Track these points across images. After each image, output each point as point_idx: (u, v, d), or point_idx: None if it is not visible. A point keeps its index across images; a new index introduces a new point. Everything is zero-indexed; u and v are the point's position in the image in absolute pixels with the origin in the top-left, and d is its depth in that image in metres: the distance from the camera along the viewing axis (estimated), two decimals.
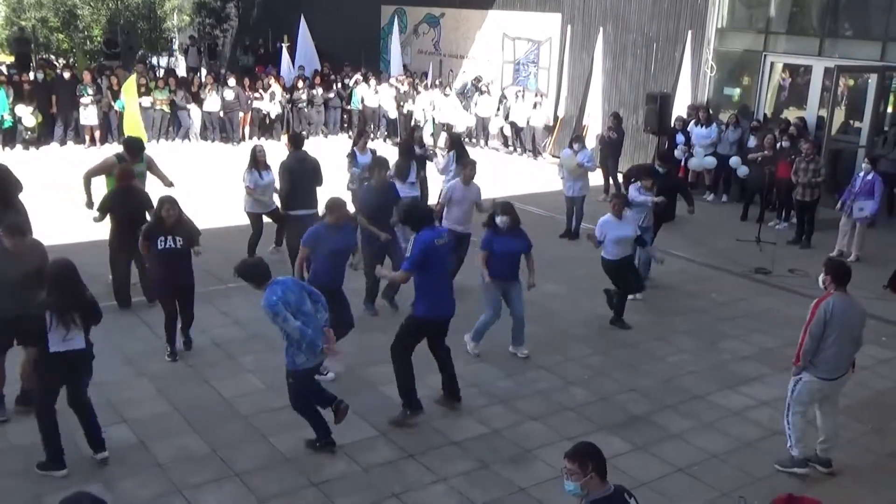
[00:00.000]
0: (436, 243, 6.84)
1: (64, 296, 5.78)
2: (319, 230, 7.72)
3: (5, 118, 17.44)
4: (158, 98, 19.05)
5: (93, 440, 6.11)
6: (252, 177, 10.39)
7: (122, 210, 8.85)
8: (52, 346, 5.72)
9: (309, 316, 6.24)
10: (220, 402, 7.18)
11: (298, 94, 20.69)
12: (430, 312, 6.91)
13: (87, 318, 5.94)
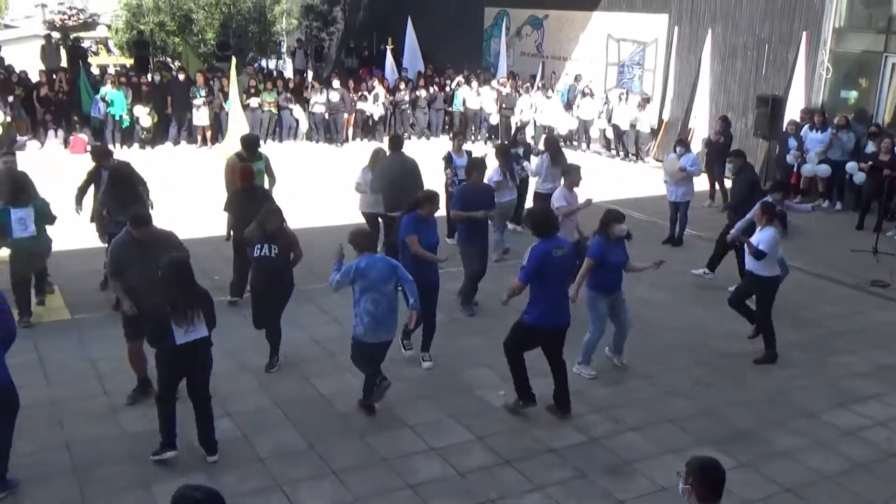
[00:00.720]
0: (553, 254, 6.78)
1: (181, 291, 5.96)
2: (413, 220, 7.92)
3: (124, 118, 18.27)
4: (267, 100, 19.59)
5: (205, 440, 6.25)
6: (365, 176, 10.53)
7: (243, 209, 9.09)
8: (178, 338, 5.89)
9: (384, 295, 6.73)
10: (318, 399, 7.28)
11: (401, 95, 20.90)
12: (540, 321, 6.83)
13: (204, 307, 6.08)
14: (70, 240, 9.80)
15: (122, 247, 6.87)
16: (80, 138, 18.08)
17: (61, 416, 6.82)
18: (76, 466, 6.11)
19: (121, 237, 6.97)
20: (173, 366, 6.06)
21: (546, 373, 7.08)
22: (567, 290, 7.08)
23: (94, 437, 6.51)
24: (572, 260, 7.21)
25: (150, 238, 6.78)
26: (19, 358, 7.17)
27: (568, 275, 7.10)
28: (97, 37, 36.86)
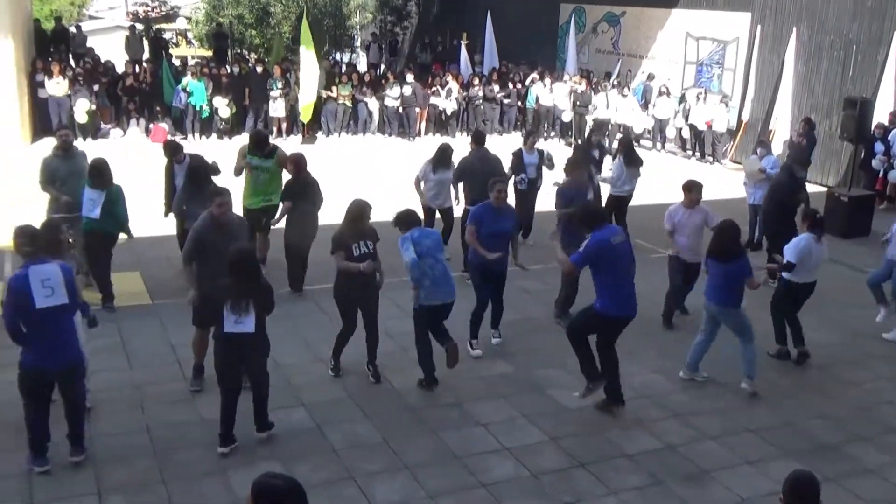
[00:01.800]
0: (611, 242, 6.70)
1: (242, 281, 6.02)
2: (482, 209, 7.98)
3: (203, 108, 18.63)
4: (342, 93, 19.74)
5: (259, 418, 6.34)
6: (425, 170, 10.50)
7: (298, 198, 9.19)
8: (227, 327, 5.97)
9: (438, 261, 7.18)
10: (391, 393, 7.29)
11: (475, 91, 20.85)
12: (611, 310, 6.76)
13: (261, 304, 6.12)
14: (152, 226, 10.01)
15: (203, 229, 7.00)
16: (161, 127, 18.51)
17: (142, 399, 6.97)
18: (156, 449, 6.23)
19: (201, 222, 7.09)
20: (226, 352, 6.12)
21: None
22: (632, 280, 6.93)
23: (173, 422, 6.63)
24: (630, 247, 7.03)
25: (229, 221, 6.93)
26: (103, 341, 7.39)
27: (632, 263, 7.00)
28: (177, 28, 37.74)
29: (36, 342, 5.64)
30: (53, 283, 5.59)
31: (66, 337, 5.76)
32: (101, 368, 7.10)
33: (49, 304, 5.57)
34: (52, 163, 9.12)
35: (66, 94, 17.72)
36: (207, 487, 5.81)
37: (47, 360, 5.64)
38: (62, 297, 5.63)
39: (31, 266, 5.63)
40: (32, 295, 5.52)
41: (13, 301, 5.57)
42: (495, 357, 8.05)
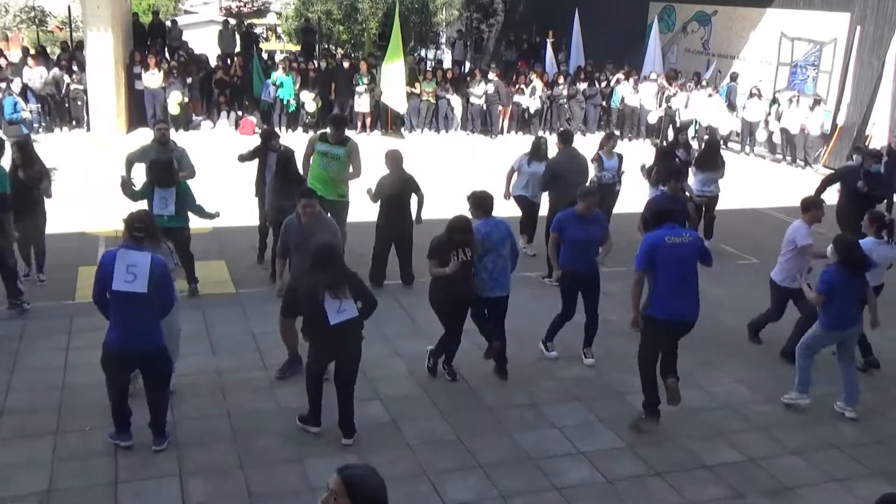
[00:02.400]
0: (666, 241, 6.50)
1: (331, 270, 6.08)
2: (567, 216, 7.77)
3: (291, 102, 18.99)
4: (426, 90, 19.84)
5: (344, 423, 6.35)
6: (520, 161, 10.51)
7: (392, 193, 9.27)
8: (331, 319, 6.00)
9: (501, 257, 7.25)
10: (467, 392, 7.28)
11: (559, 89, 20.68)
12: (659, 313, 6.54)
13: (354, 287, 6.18)
14: (237, 217, 10.23)
15: (288, 226, 7.18)
16: (250, 120, 18.94)
17: (224, 385, 7.13)
18: (236, 436, 6.37)
19: (291, 219, 7.27)
20: (323, 348, 6.20)
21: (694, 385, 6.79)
22: (694, 285, 6.62)
23: (254, 409, 6.77)
24: (694, 250, 6.66)
25: (314, 218, 7.04)
26: (188, 327, 7.57)
27: (693, 266, 6.64)
28: (268, 23, 38.57)
29: (116, 322, 5.83)
30: (139, 270, 5.72)
31: (144, 324, 5.83)
32: (186, 353, 7.28)
33: (125, 289, 5.71)
34: (148, 151, 9.43)
35: (161, 87, 18.30)
36: (284, 475, 5.91)
37: (123, 343, 5.81)
38: (142, 287, 5.72)
39: (123, 248, 5.82)
40: (113, 275, 5.70)
41: (99, 275, 5.81)
42: (572, 359, 7.96)
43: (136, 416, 6.10)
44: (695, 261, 6.64)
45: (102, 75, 17.39)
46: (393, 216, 9.31)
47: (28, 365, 7.34)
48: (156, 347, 5.92)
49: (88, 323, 8.06)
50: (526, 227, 10.94)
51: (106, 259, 5.82)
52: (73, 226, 10.95)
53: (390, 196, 9.31)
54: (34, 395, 6.81)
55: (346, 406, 6.33)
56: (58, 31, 33.31)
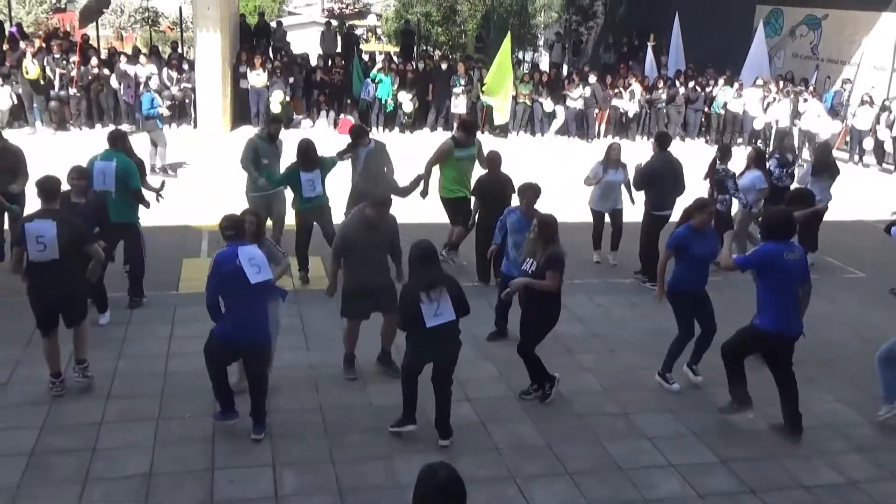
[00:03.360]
0: (784, 256, 6.36)
1: (429, 272, 6.13)
2: (685, 233, 7.38)
3: (388, 102, 19.24)
4: (522, 92, 19.79)
5: (441, 424, 6.38)
6: (596, 170, 10.34)
7: (490, 194, 9.30)
8: (428, 321, 6.05)
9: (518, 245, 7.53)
10: (557, 398, 7.20)
11: (658, 93, 20.31)
12: (770, 326, 6.43)
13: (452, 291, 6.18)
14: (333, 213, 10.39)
15: (351, 226, 7.20)
16: (348, 120, 19.25)
17: (317, 380, 7.28)
18: (327, 429, 6.49)
19: (352, 217, 7.32)
20: (421, 349, 6.24)
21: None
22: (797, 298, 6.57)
23: (345, 405, 6.88)
24: (802, 266, 6.53)
25: (381, 221, 7.07)
26: (286, 321, 7.75)
27: (802, 283, 6.57)
28: (368, 25, 39.15)
29: (234, 316, 6.02)
30: (259, 262, 6.01)
31: (261, 317, 6.16)
32: (282, 347, 7.46)
33: (260, 280, 5.97)
34: (258, 144, 9.79)
35: (265, 86, 18.82)
36: (373, 471, 5.98)
37: (240, 335, 6.01)
38: (268, 274, 6.06)
39: (237, 246, 6.04)
40: (246, 272, 5.92)
41: (222, 276, 5.97)
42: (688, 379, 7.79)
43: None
44: (801, 278, 6.54)
45: (210, 74, 18.01)
46: (494, 216, 9.29)
47: (133, 352, 7.66)
48: (265, 341, 6.24)
49: (190, 313, 8.37)
50: (598, 240, 10.73)
51: (227, 261, 5.97)
52: (178, 219, 11.35)
53: (490, 196, 9.34)
54: (138, 381, 7.10)
55: (443, 407, 6.37)
56: (169, 31, 34.66)
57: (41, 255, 6.44)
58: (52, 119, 17.80)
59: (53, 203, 6.67)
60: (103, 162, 8.35)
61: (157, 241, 9.69)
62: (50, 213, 6.56)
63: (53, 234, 6.42)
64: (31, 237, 6.43)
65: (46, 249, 6.43)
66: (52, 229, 6.43)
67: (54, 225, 6.45)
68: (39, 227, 6.44)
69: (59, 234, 6.43)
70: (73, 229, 6.56)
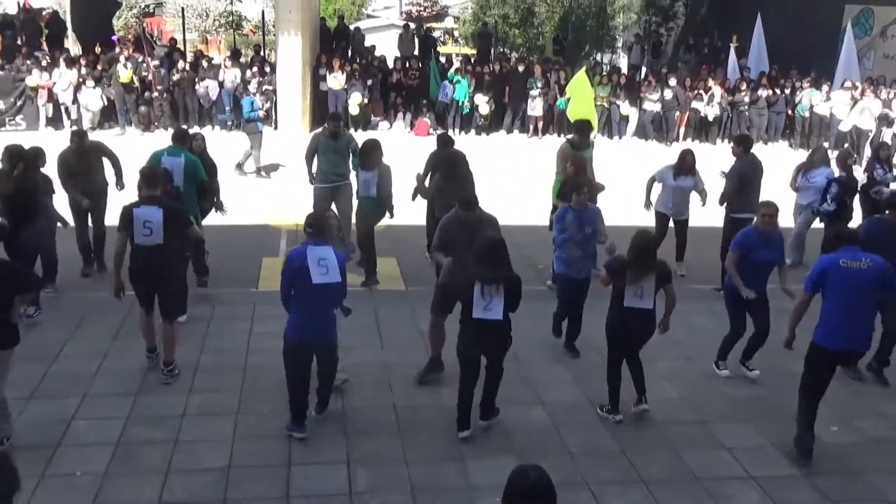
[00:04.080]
0: (840, 264, 6.08)
1: (492, 268, 6.12)
2: (748, 236, 7.42)
3: (465, 104, 19.29)
4: (600, 95, 19.58)
5: (484, 404, 6.47)
6: (664, 173, 10.15)
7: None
8: (475, 312, 6.10)
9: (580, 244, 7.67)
10: (632, 403, 7.10)
11: (741, 96, 19.85)
12: (823, 339, 6.16)
13: (510, 294, 6.18)
14: (409, 215, 10.47)
15: (449, 225, 7.29)
16: (424, 122, 19.41)
17: (391, 379, 7.34)
18: (400, 428, 6.55)
19: (450, 216, 7.38)
20: (468, 335, 6.26)
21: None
22: (868, 312, 6.20)
23: (418, 404, 6.93)
24: (874, 276, 6.08)
25: (474, 221, 7.10)
26: (359, 320, 7.84)
27: (868, 293, 6.10)
28: (445, 27, 39.35)
29: (302, 314, 6.15)
30: (328, 263, 6.10)
31: (329, 316, 6.27)
32: (356, 346, 7.56)
33: (325, 281, 6.06)
34: (319, 139, 10.14)
35: (343, 88, 19.09)
36: (445, 472, 6.01)
37: (308, 333, 6.15)
38: (336, 277, 6.12)
39: (310, 245, 6.16)
40: (310, 271, 6.03)
41: (291, 272, 6.12)
42: (746, 379, 7.62)
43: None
44: (872, 288, 6.13)
45: (291, 77, 18.37)
46: None
47: (214, 347, 7.86)
48: (333, 339, 6.32)
49: (269, 311, 8.53)
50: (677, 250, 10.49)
51: (297, 257, 6.13)
52: (257, 219, 11.61)
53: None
54: (219, 376, 7.29)
55: (489, 390, 6.44)
56: (251, 34, 35.48)
57: (147, 239, 6.84)
58: (140, 121, 18.42)
59: (156, 190, 7.05)
60: (171, 158, 8.66)
61: (237, 240, 9.93)
62: (155, 200, 6.96)
63: (160, 220, 6.82)
64: (139, 222, 6.82)
65: (153, 234, 6.83)
66: (160, 215, 6.83)
67: (161, 211, 6.85)
68: (147, 213, 6.85)
69: (164, 219, 6.82)
70: (176, 216, 7.01)
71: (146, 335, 7.32)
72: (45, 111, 18.42)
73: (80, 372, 7.21)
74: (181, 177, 8.55)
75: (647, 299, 6.56)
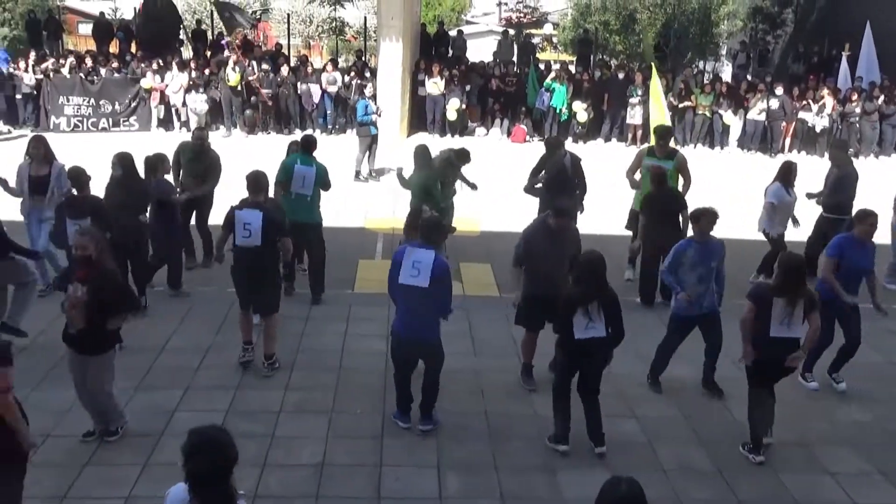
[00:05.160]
0: None
1: (591, 286, 6.06)
2: (845, 242, 7.28)
3: (563, 111, 19.16)
4: (702, 104, 19.16)
5: (593, 432, 6.31)
6: (778, 192, 9.73)
7: (656, 208, 9.07)
8: (577, 332, 6.03)
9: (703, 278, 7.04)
10: (729, 420, 6.93)
11: (852, 106, 19.07)
12: None
13: (608, 309, 6.11)
14: (502, 221, 10.48)
15: (535, 234, 7.18)
16: (521, 129, 19.37)
17: (482, 385, 7.35)
18: (491, 435, 6.54)
19: (535, 225, 7.33)
20: (571, 359, 6.21)
21: None
22: None
23: (509, 412, 6.91)
24: None
25: (563, 230, 7.02)
26: (454, 326, 7.87)
27: None
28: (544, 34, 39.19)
29: (400, 310, 6.33)
30: (422, 266, 6.15)
31: (421, 317, 6.30)
32: (448, 351, 7.57)
33: (410, 283, 6.14)
34: None
35: (441, 93, 19.24)
36: (535, 481, 5.97)
37: (403, 329, 6.30)
38: (424, 282, 6.15)
39: (409, 246, 6.30)
40: (401, 269, 6.16)
41: (392, 273, 6.29)
42: (851, 401, 7.32)
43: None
44: None
45: (391, 82, 18.61)
46: (664, 231, 9.02)
47: (310, 346, 8.03)
48: (429, 340, 6.37)
49: (364, 312, 8.71)
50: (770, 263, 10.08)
51: (395, 256, 6.35)
52: (355, 222, 11.82)
53: (660, 210, 9.08)
54: (314, 374, 7.44)
55: (593, 415, 6.31)
56: (352, 40, 36.15)
57: (246, 240, 7.12)
58: (245, 123, 19.00)
59: (260, 196, 7.30)
60: (304, 167, 8.88)
61: (335, 242, 10.10)
62: (257, 205, 7.21)
63: (259, 224, 7.06)
64: (240, 223, 7.12)
65: (251, 236, 7.09)
66: (259, 219, 7.08)
67: (261, 215, 7.09)
68: (248, 216, 7.11)
69: (263, 224, 7.06)
70: (275, 222, 7.23)
71: (243, 330, 7.57)
72: (157, 113, 19.22)
73: (183, 365, 7.48)
74: (312, 184, 8.84)
75: (794, 327, 6.09)
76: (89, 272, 5.70)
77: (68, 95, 18.75)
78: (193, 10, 34.48)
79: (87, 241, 5.74)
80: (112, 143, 14.94)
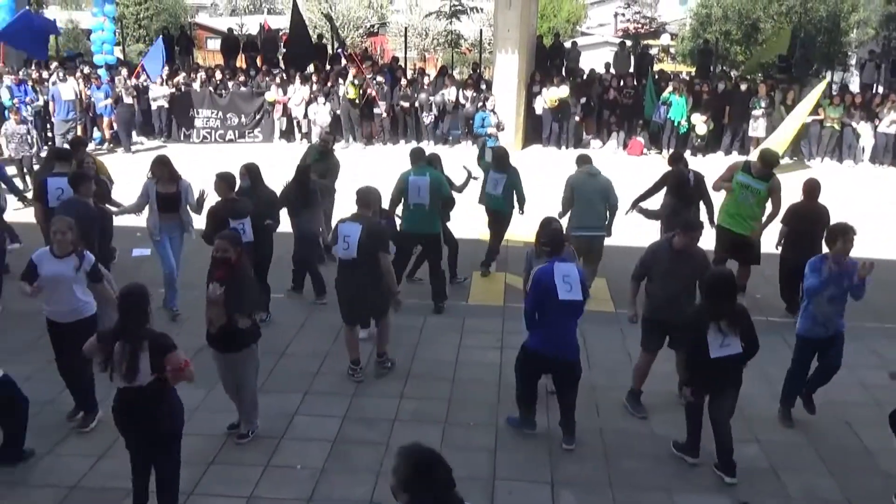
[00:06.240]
0: None
1: (721, 303, 5.90)
2: None
3: (682, 124, 18.72)
4: (831, 115, 18.37)
5: (723, 460, 6.13)
6: None
7: (799, 222, 8.88)
8: (713, 351, 5.87)
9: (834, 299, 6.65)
10: (861, 451, 6.58)
11: None
12: None
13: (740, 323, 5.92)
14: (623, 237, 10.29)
15: (657, 252, 7.02)
16: (638, 141, 19.05)
17: (598, 402, 7.23)
18: (607, 453, 6.44)
19: (659, 243, 7.19)
20: (703, 379, 6.03)
21: None
22: None
23: (625, 430, 6.79)
24: None
25: (687, 248, 6.82)
26: None
27: None
28: (661, 44, 38.51)
29: (547, 330, 6.25)
30: (572, 280, 6.19)
31: (570, 334, 6.34)
32: None
33: (569, 298, 6.15)
34: None
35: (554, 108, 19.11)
36: (651, 501, 5.84)
37: (550, 348, 6.25)
38: (579, 294, 6.19)
39: (556, 262, 6.29)
40: (556, 288, 6.14)
41: (539, 290, 6.23)
42: None
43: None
44: None
45: (507, 93, 18.66)
46: (803, 248, 8.61)
47: (425, 356, 8.11)
48: (575, 359, 6.36)
49: (478, 324, 8.75)
50: None
51: (543, 275, 6.23)
52: (471, 233, 11.85)
53: (800, 226, 8.73)
54: (428, 384, 7.50)
55: (724, 441, 6.11)
56: (467, 52, 36.45)
57: (345, 253, 7.27)
58: (363, 135, 19.42)
59: (367, 211, 7.41)
60: (417, 177, 9.02)
61: None
62: (360, 218, 7.31)
63: (356, 237, 7.17)
64: (340, 236, 7.27)
65: (349, 249, 7.22)
66: (357, 232, 7.18)
67: (360, 229, 7.19)
68: (347, 229, 7.26)
69: (361, 237, 7.15)
70: (374, 236, 7.25)
71: (350, 348, 7.60)
72: (280, 125, 19.89)
73: (303, 370, 7.69)
74: (428, 194, 8.99)
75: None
76: (227, 272, 6.01)
77: (198, 108, 19.64)
78: (314, 24, 35.51)
79: (228, 244, 6.07)
80: (239, 153, 15.55)
